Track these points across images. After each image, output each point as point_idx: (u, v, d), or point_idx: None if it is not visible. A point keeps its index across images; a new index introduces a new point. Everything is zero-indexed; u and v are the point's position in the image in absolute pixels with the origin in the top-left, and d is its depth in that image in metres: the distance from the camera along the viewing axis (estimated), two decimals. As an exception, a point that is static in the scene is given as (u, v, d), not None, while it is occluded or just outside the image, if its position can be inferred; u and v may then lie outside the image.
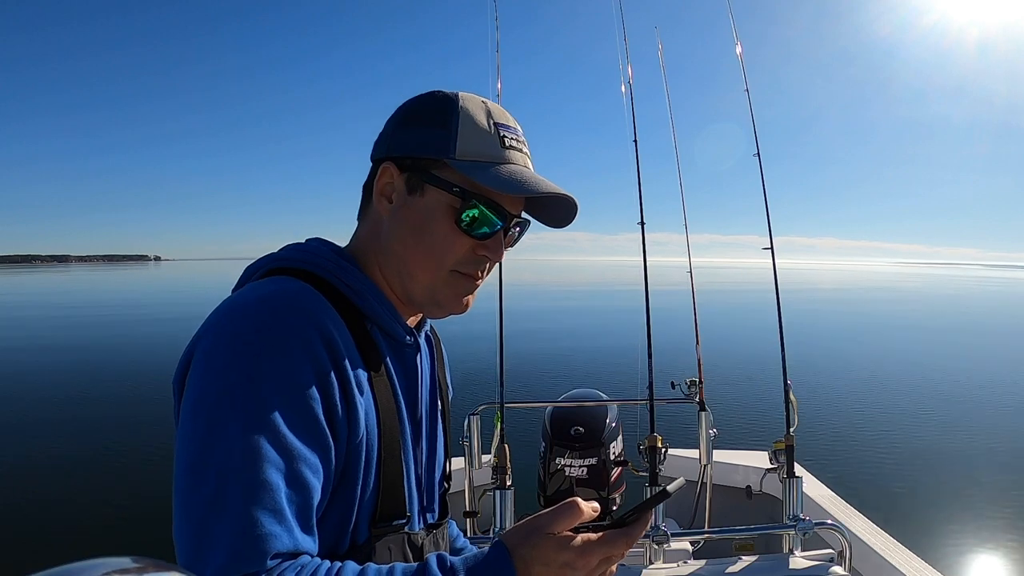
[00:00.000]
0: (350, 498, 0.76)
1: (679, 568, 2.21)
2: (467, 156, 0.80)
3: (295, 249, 0.85)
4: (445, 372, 1.06)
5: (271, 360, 0.67)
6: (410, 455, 0.87)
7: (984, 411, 9.88)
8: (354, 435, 0.74)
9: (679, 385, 2.90)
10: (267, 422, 0.64)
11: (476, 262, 0.84)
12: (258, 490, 0.62)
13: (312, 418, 0.68)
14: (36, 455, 7.36)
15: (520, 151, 0.84)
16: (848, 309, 32.01)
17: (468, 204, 0.80)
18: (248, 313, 0.71)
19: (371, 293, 0.83)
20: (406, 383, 0.88)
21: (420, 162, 0.82)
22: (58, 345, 16.52)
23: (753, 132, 2.78)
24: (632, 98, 2.78)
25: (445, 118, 0.82)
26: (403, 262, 0.85)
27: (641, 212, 2.68)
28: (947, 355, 16.18)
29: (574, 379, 9.78)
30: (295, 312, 0.71)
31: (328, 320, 0.74)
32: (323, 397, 0.70)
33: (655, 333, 2.58)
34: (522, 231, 0.90)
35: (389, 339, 0.86)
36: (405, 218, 0.83)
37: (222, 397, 0.65)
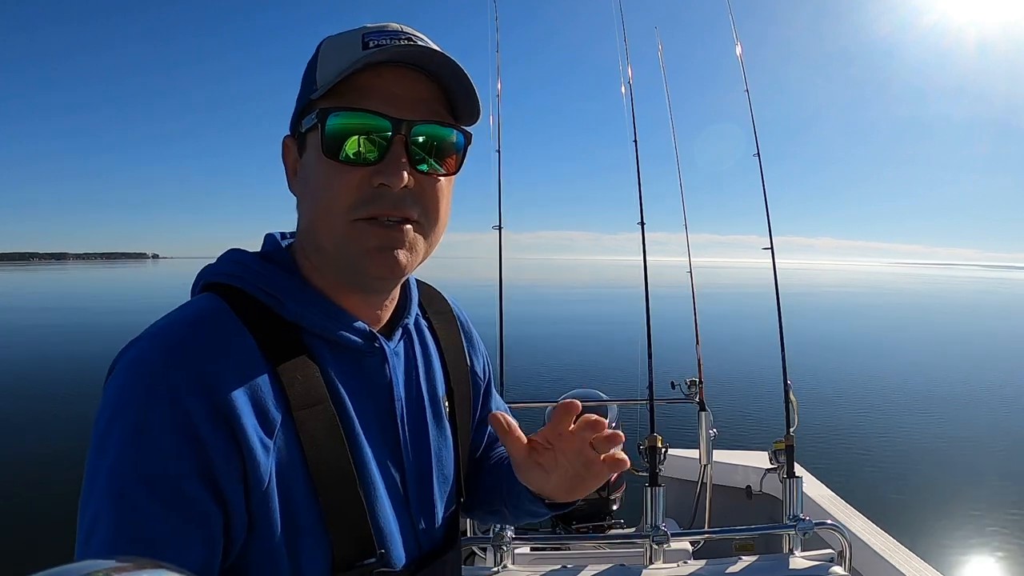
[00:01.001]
0: (272, 546, 0.65)
1: (679, 568, 2.21)
2: (326, 80, 0.68)
3: (222, 261, 0.74)
4: (465, 363, 0.91)
5: (129, 424, 0.60)
6: (378, 483, 0.72)
7: (983, 411, 9.89)
8: (253, 478, 0.63)
9: (679, 385, 2.90)
10: (119, 493, 0.59)
11: (376, 197, 0.67)
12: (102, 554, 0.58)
13: (167, 481, 0.59)
14: (34, 453, 7.36)
15: (391, 45, 0.67)
16: (847, 309, 32.02)
17: (325, 124, 0.66)
18: (128, 365, 0.63)
19: (299, 297, 0.71)
20: (367, 397, 0.74)
21: (298, 119, 0.73)
22: (56, 343, 16.52)
23: (753, 132, 2.78)
24: (632, 98, 2.78)
25: (311, 63, 0.72)
26: (313, 237, 0.72)
27: (641, 212, 2.68)
28: (947, 356, 16.19)
29: (574, 379, 9.80)
30: (167, 361, 0.62)
31: (217, 355, 0.63)
32: (189, 453, 0.60)
33: (655, 333, 2.58)
34: (442, 143, 0.70)
35: (337, 348, 0.72)
36: (303, 184, 0.72)
37: (93, 457, 0.62)
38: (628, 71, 2.87)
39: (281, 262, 0.74)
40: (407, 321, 0.81)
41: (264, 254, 0.75)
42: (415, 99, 0.69)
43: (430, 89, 0.70)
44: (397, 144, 0.67)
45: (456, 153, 0.73)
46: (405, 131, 0.68)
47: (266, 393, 0.65)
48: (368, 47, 0.67)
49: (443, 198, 0.73)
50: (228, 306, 0.68)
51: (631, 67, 2.88)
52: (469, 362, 0.93)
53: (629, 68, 2.88)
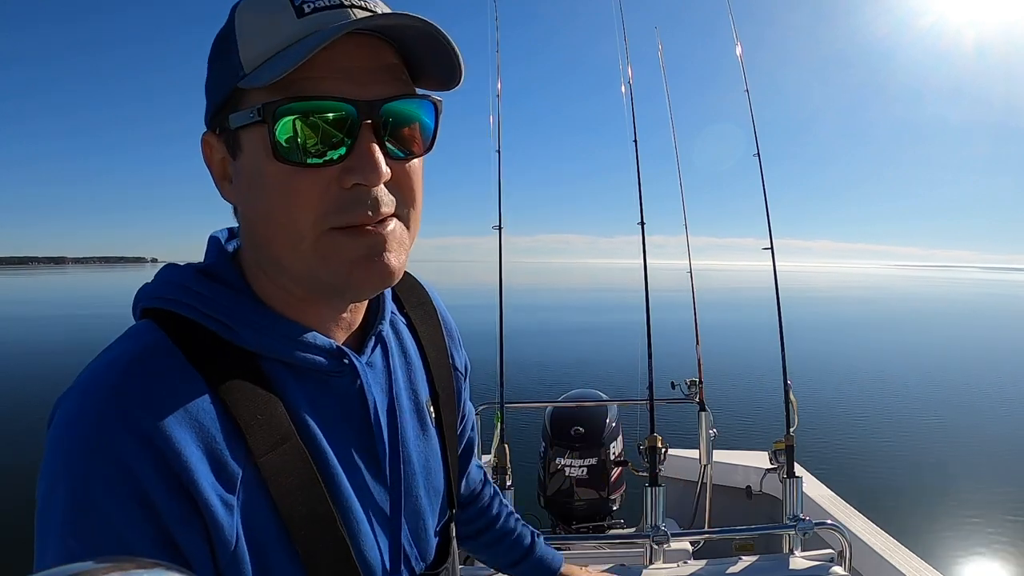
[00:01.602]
0: None
1: (679, 568, 2.21)
2: (255, 63, 0.54)
3: (159, 281, 0.63)
4: (448, 361, 0.83)
5: (71, 491, 0.52)
6: (360, 517, 0.65)
7: (984, 412, 9.89)
8: (217, 538, 0.55)
9: (679, 385, 2.90)
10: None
11: (353, 201, 0.55)
12: None
13: (122, 552, 0.52)
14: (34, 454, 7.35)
15: (332, 7, 0.54)
16: (846, 310, 32.05)
17: (275, 121, 0.53)
18: (67, 422, 0.54)
19: (251, 321, 0.60)
20: (340, 418, 0.65)
21: (220, 112, 0.58)
22: (55, 347, 16.49)
23: (753, 132, 2.78)
24: (632, 98, 2.78)
25: (226, 38, 0.57)
26: (268, 253, 0.60)
27: (641, 212, 2.68)
28: (947, 357, 16.21)
29: (574, 379, 9.78)
30: (106, 419, 0.52)
31: (160, 404, 0.53)
32: (140, 520, 0.52)
33: (655, 334, 2.59)
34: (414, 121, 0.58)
35: (301, 372, 0.62)
36: (244, 192, 0.59)
37: (40, 522, 0.56)
38: (628, 71, 2.88)
39: (228, 279, 0.62)
40: (381, 327, 0.71)
41: (206, 269, 0.63)
42: (375, 71, 0.56)
43: (390, 54, 0.57)
44: (366, 132, 0.54)
45: (430, 128, 0.61)
46: (372, 113, 0.54)
47: (222, 442, 0.56)
48: (304, 13, 0.53)
49: (419, 180, 0.61)
50: (168, 339, 0.57)
51: (631, 67, 2.89)
52: (451, 359, 0.84)
53: (629, 68, 2.89)
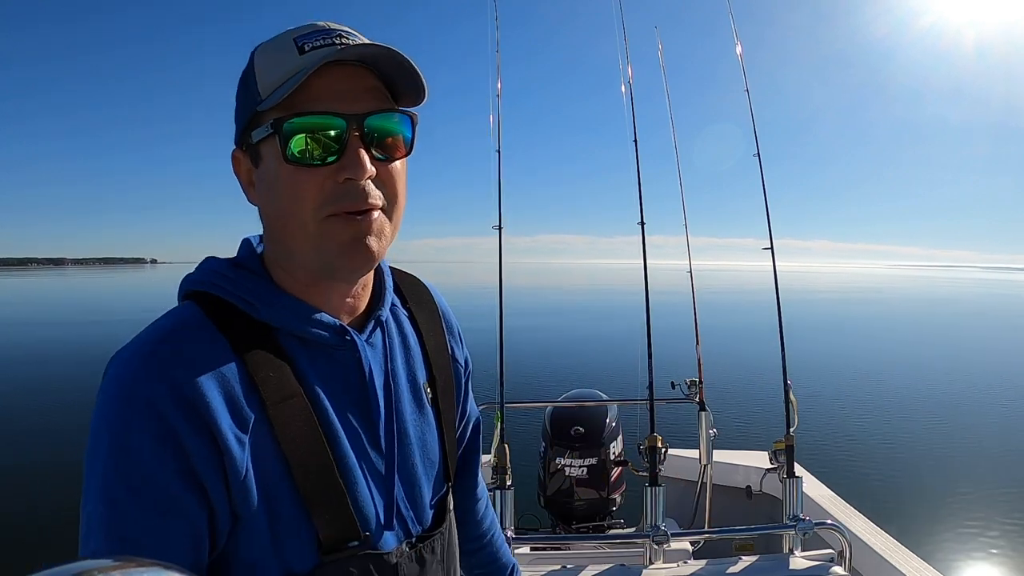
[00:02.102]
0: (255, 534, 0.70)
1: (679, 568, 2.21)
2: (269, 90, 0.70)
3: (199, 270, 0.78)
4: (446, 351, 0.93)
5: (113, 432, 0.66)
6: (356, 469, 0.75)
7: (984, 412, 9.90)
8: (232, 474, 0.67)
9: (679, 385, 2.90)
10: (108, 496, 0.66)
11: (345, 193, 0.70)
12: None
13: (149, 484, 0.65)
14: (34, 457, 7.36)
15: (326, 45, 0.70)
16: (846, 311, 32.05)
17: (283, 132, 0.69)
18: (111, 376, 0.69)
19: (270, 300, 0.75)
20: (342, 387, 0.77)
21: (245, 131, 0.75)
22: (54, 349, 16.50)
23: (753, 132, 2.79)
24: (632, 98, 2.78)
25: (248, 75, 0.74)
26: (280, 241, 0.75)
27: (641, 212, 2.68)
28: (947, 357, 16.21)
29: (574, 379, 9.76)
30: (144, 371, 0.67)
31: (191, 362, 0.68)
32: (169, 456, 0.65)
33: (655, 334, 2.59)
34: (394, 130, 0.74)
35: (310, 344, 0.76)
36: (264, 194, 0.75)
37: (88, 461, 0.68)
38: (628, 70, 2.88)
39: (252, 267, 0.77)
40: (380, 313, 0.83)
41: (237, 261, 0.79)
42: (360, 92, 0.72)
43: (371, 78, 0.73)
44: (353, 139, 0.70)
45: (407, 136, 0.75)
46: (358, 125, 0.70)
47: (239, 392, 0.69)
48: (304, 51, 0.70)
49: (401, 180, 0.76)
50: (204, 313, 0.73)
51: (631, 67, 2.89)
52: (451, 351, 0.94)
53: (629, 68, 2.89)
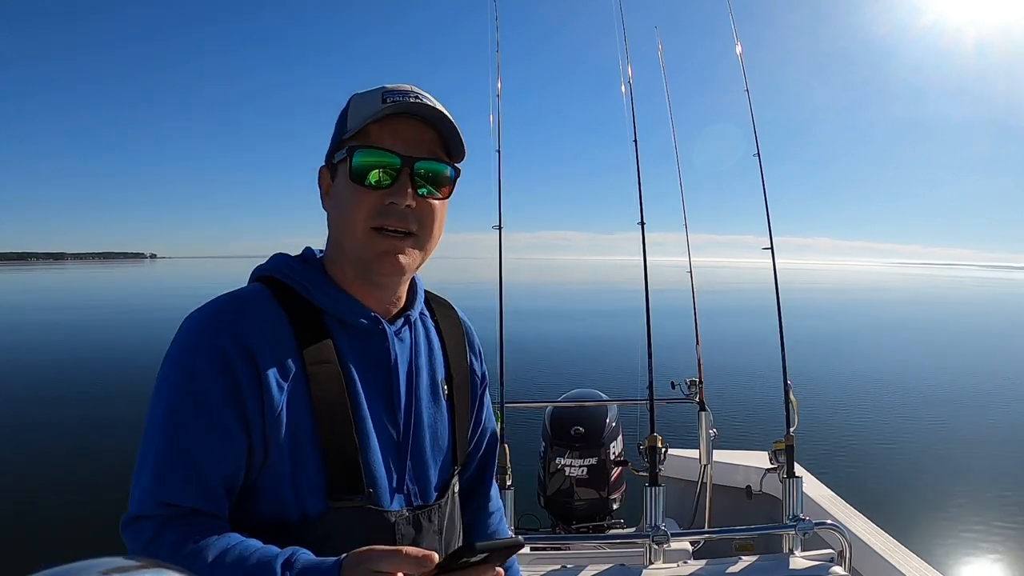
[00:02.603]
0: (280, 470, 0.85)
1: (679, 568, 2.21)
2: (354, 126, 0.90)
3: (270, 260, 0.98)
4: (465, 359, 1.08)
5: (182, 360, 0.84)
6: (371, 433, 0.90)
7: (984, 411, 9.90)
8: (268, 409, 0.83)
9: (679, 385, 2.90)
10: (170, 410, 0.83)
11: (386, 212, 0.89)
12: (157, 460, 0.82)
13: (205, 403, 0.82)
14: (33, 453, 7.36)
15: (403, 100, 0.89)
16: (846, 309, 32.06)
17: (353, 157, 0.88)
18: (187, 322, 0.88)
19: (322, 288, 0.93)
20: (371, 367, 0.93)
21: (331, 153, 0.94)
22: (54, 343, 16.50)
23: (753, 132, 2.78)
24: (632, 98, 2.78)
25: (343, 112, 0.95)
26: (337, 243, 0.94)
27: (641, 212, 2.68)
28: (947, 356, 16.21)
29: (574, 379, 9.77)
30: (214, 320, 0.86)
31: (252, 319, 0.87)
32: (223, 385, 0.82)
33: (655, 333, 2.58)
34: (439, 175, 0.92)
35: (349, 327, 0.93)
36: (333, 203, 0.94)
37: (157, 387, 0.86)
38: (628, 70, 2.87)
39: (312, 263, 0.96)
40: (410, 313, 0.99)
41: (301, 257, 0.98)
42: (419, 141, 0.91)
43: (430, 134, 0.92)
44: (404, 174, 0.89)
45: (448, 183, 0.94)
46: (410, 165, 0.89)
47: (287, 350, 0.87)
48: (385, 102, 0.88)
49: (437, 217, 0.94)
50: (269, 291, 0.92)
51: (631, 67, 2.88)
52: (468, 360, 1.10)
53: (629, 67, 2.89)
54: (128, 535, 0.82)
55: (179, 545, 0.78)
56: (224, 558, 0.77)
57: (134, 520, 0.82)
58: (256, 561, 0.76)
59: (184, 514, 0.81)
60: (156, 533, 0.80)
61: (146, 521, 0.81)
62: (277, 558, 0.76)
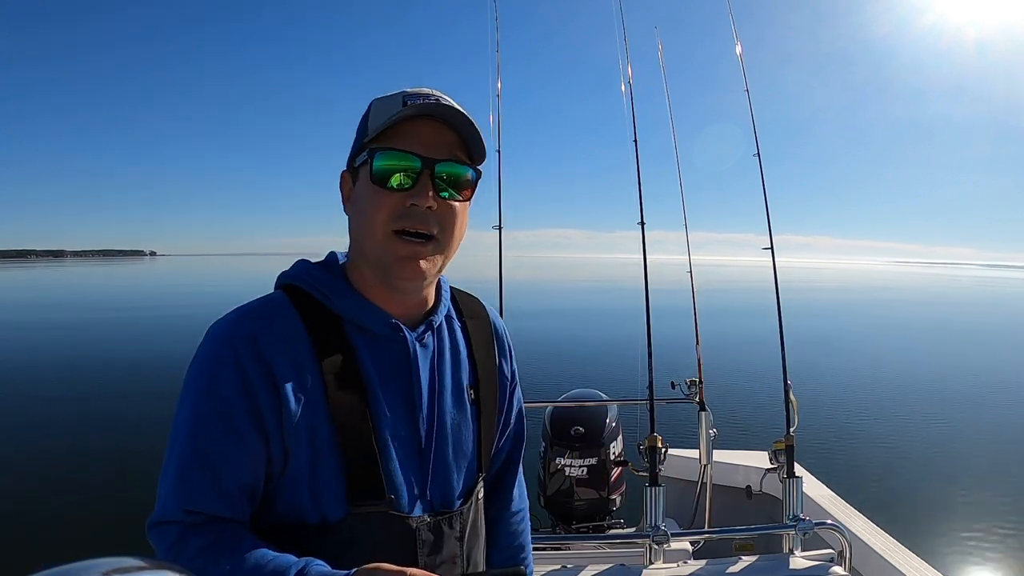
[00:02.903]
0: (298, 476, 0.86)
1: (679, 568, 2.21)
2: (374, 129, 0.89)
3: (292, 267, 0.99)
4: (493, 362, 1.07)
5: (204, 371, 0.86)
6: (390, 441, 0.90)
7: (984, 410, 9.90)
8: (287, 419, 0.85)
9: (679, 385, 2.89)
10: (193, 418, 0.85)
11: (408, 214, 0.88)
12: (180, 467, 0.84)
13: (224, 413, 0.84)
14: (32, 452, 7.35)
15: (422, 103, 0.88)
16: (847, 308, 32.04)
17: (374, 159, 0.88)
18: (209, 333, 0.89)
19: (342, 295, 0.93)
20: (391, 374, 0.93)
21: (353, 157, 0.94)
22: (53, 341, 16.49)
23: (753, 132, 2.78)
24: (632, 98, 2.78)
25: (364, 116, 0.94)
26: (359, 247, 0.93)
27: (641, 212, 2.68)
28: (947, 355, 16.21)
29: (574, 379, 9.76)
30: (233, 331, 0.87)
31: (270, 330, 0.87)
32: (242, 396, 0.84)
33: (655, 333, 2.58)
34: (459, 177, 0.91)
35: (369, 334, 0.92)
36: (355, 206, 0.94)
37: (181, 395, 0.88)
38: (628, 70, 2.87)
39: (333, 270, 0.96)
40: (433, 319, 0.98)
41: (323, 264, 0.98)
42: (440, 143, 0.90)
43: (451, 136, 0.91)
44: (425, 176, 0.88)
45: (469, 185, 0.93)
46: (431, 167, 0.88)
47: (304, 359, 0.87)
48: (406, 105, 0.87)
49: (458, 220, 0.92)
50: (289, 299, 0.92)
51: (631, 66, 2.88)
52: (497, 362, 1.09)
53: (629, 67, 2.88)
54: (153, 537, 0.85)
55: (202, 551, 0.81)
56: (243, 565, 0.79)
57: (159, 523, 0.85)
58: (271, 570, 0.78)
59: (207, 520, 0.83)
60: (180, 537, 0.83)
61: (171, 525, 0.84)
62: (291, 568, 0.78)
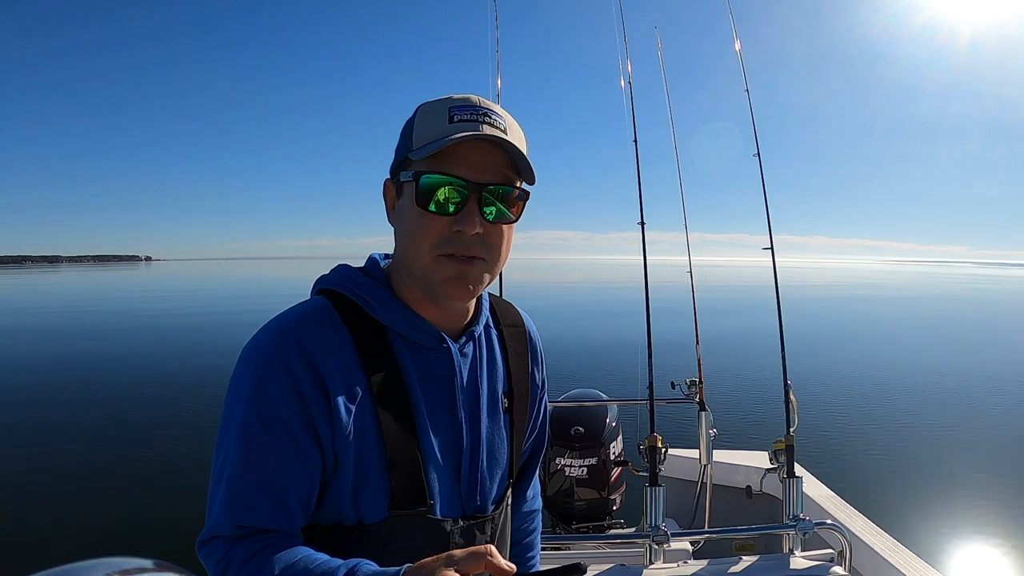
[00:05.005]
0: (344, 480, 0.86)
1: (679, 568, 2.21)
2: (420, 144, 0.88)
3: (333, 272, 0.98)
4: (526, 371, 1.08)
5: (254, 381, 0.84)
6: (433, 449, 0.91)
7: (984, 409, 9.91)
8: (338, 429, 0.85)
9: (679, 385, 2.89)
10: (244, 430, 0.83)
11: (454, 240, 0.87)
12: (231, 482, 0.83)
13: (279, 423, 0.83)
14: (29, 455, 7.32)
15: (471, 120, 0.87)
16: (844, 307, 32.09)
17: (419, 183, 0.86)
18: (256, 341, 0.88)
19: (386, 305, 0.92)
20: (434, 384, 0.93)
21: (397, 169, 0.92)
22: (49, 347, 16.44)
23: (753, 132, 2.78)
24: (632, 97, 2.78)
25: (409, 124, 0.92)
26: (404, 262, 0.92)
27: (641, 212, 2.68)
28: (945, 354, 16.23)
29: (574, 379, 9.77)
30: (282, 339, 0.86)
31: (319, 339, 0.87)
32: (295, 405, 0.83)
33: (655, 333, 2.58)
34: (507, 199, 0.89)
35: (413, 345, 0.93)
36: (399, 222, 0.93)
37: (227, 407, 0.86)
38: (628, 67, 2.87)
39: (376, 277, 0.96)
40: (474, 330, 0.99)
41: (365, 270, 0.98)
42: (488, 164, 0.88)
43: (500, 155, 0.89)
44: (471, 201, 0.87)
45: (517, 205, 0.92)
46: (478, 192, 0.87)
47: (353, 369, 0.87)
48: (453, 120, 0.86)
49: (505, 241, 0.92)
50: (332, 306, 0.91)
51: (631, 64, 2.88)
52: (530, 370, 1.09)
53: (629, 64, 2.88)
54: (203, 553, 0.85)
55: (247, 561, 0.80)
56: (290, 571, 0.78)
57: (210, 539, 0.84)
58: (321, 572, 0.77)
59: (256, 532, 0.82)
60: (227, 552, 0.82)
61: (220, 541, 0.83)
62: (340, 568, 0.77)
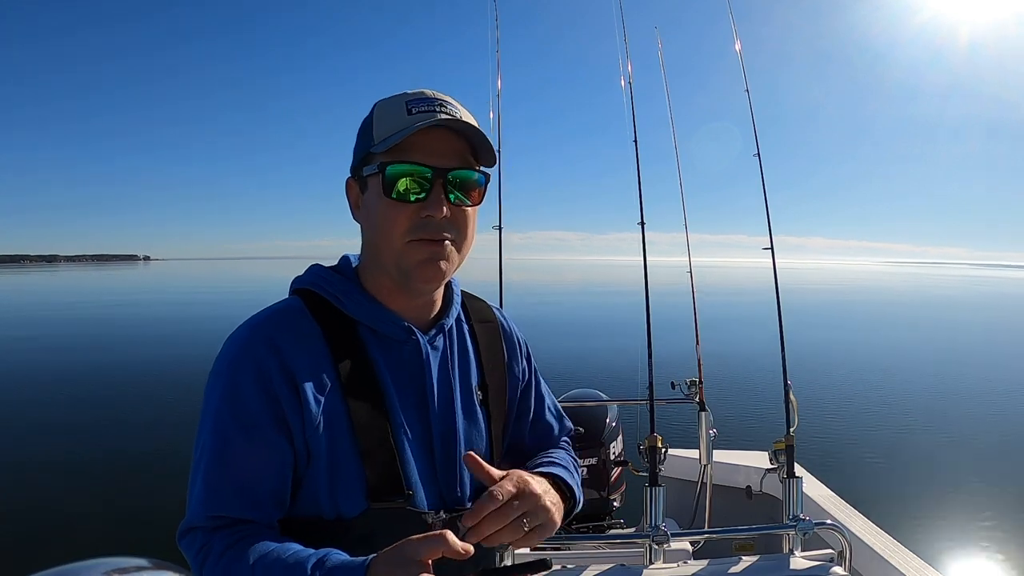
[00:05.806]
0: (318, 472, 0.89)
1: (679, 568, 2.20)
2: (381, 138, 0.91)
3: (307, 272, 1.01)
4: (502, 364, 1.10)
5: (227, 378, 0.88)
6: (405, 439, 0.93)
7: (983, 409, 9.93)
8: (308, 421, 0.87)
9: (679, 385, 2.89)
10: (217, 425, 0.87)
11: (424, 225, 0.91)
12: (206, 475, 0.86)
13: (249, 418, 0.86)
14: (28, 456, 7.32)
15: (428, 111, 0.90)
16: (844, 308, 32.10)
17: (384, 173, 0.90)
18: (230, 339, 0.92)
19: (356, 299, 0.95)
20: (405, 376, 0.96)
21: (359, 166, 0.96)
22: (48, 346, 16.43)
23: (753, 132, 2.78)
24: (632, 97, 2.77)
25: (367, 122, 0.96)
26: (374, 255, 0.96)
27: (641, 212, 2.68)
28: (944, 353, 16.24)
29: (574, 379, 9.75)
30: (254, 337, 0.90)
31: (290, 335, 0.90)
32: (265, 400, 0.86)
33: (655, 333, 2.58)
34: (469, 183, 0.93)
35: (383, 338, 0.96)
36: (366, 216, 0.96)
37: (204, 403, 0.90)
38: (628, 67, 2.87)
39: (347, 274, 0.99)
40: (444, 322, 1.02)
41: (337, 268, 1.02)
42: (449, 151, 0.92)
43: (459, 142, 0.93)
44: (437, 186, 0.90)
45: (479, 188, 0.96)
46: (443, 176, 0.90)
47: (322, 363, 0.90)
48: (411, 112, 0.90)
49: (470, 223, 0.96)
50: (304, 304, 0.95)
51: (631, 63, 2.88)
52: (506, 363, 1.12)
53: (629, 64, 2.88)
54: (183, 544, 0.88)
55: (227, 549, 0.83)
56: (263, 560, 0.81)
57: (188, 531, 0.87)
58: (293, 562, 0.79)
59: (231, 522, 0.85)
60: (206, 542, 0.85)
61: (197, 531, 0.86)
62: (310, 558, 0.79)
